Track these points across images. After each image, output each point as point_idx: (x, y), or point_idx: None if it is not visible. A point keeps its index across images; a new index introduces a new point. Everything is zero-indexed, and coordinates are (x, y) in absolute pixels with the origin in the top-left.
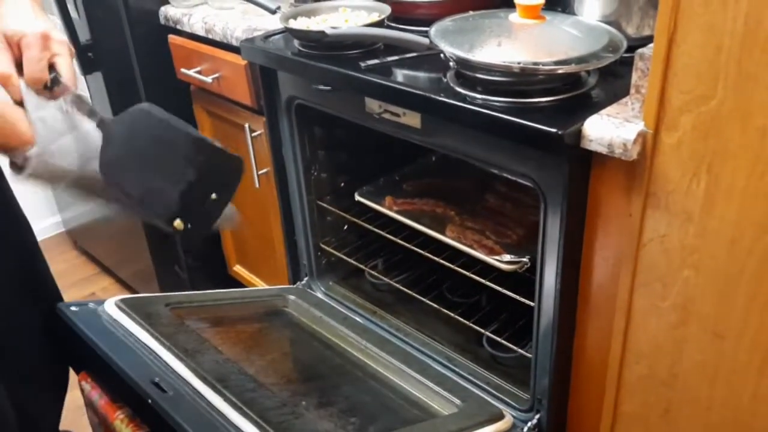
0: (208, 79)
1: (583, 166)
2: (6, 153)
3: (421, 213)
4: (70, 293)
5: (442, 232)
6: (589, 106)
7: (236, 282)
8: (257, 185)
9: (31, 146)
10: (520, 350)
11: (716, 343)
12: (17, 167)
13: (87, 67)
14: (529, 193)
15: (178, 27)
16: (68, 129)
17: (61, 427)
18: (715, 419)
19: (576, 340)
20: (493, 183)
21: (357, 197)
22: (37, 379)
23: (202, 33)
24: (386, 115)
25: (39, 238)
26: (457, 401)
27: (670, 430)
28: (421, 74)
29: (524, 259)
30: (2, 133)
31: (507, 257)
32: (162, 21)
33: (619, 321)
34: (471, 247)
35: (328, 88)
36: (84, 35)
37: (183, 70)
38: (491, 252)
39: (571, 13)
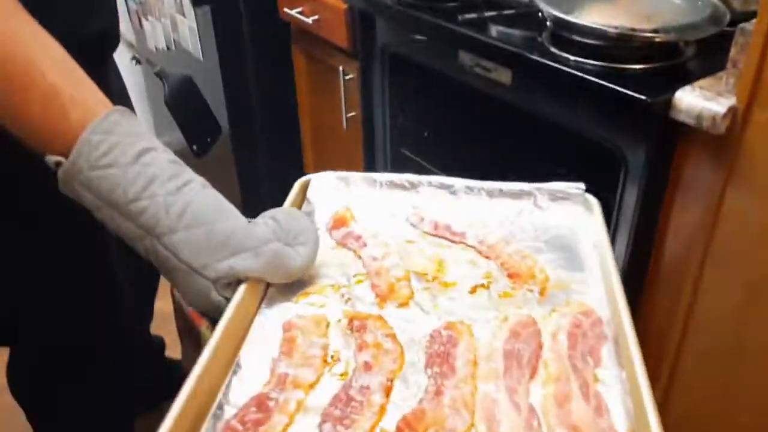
0: (309, 20)
1: (669, 136)
2: None
3: None
4: None
5: None
6: (683, 76)
7: None
8: (345, 127)
9: None
10: None
11: None
12: None
13: (197, 0)
14: None
15: None
16: None
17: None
18: (765, 401)
19: (642, 308)
20: None
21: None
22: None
23: None
24: (477, 70)
25: None
26: None
27: (728, 403)
28: (516, 31)
29: None
30: None
31: None
32: None
33: (686, 295)
34: None
35: (424, 38)
36: None
37: (286, 9)
38: None
39: None
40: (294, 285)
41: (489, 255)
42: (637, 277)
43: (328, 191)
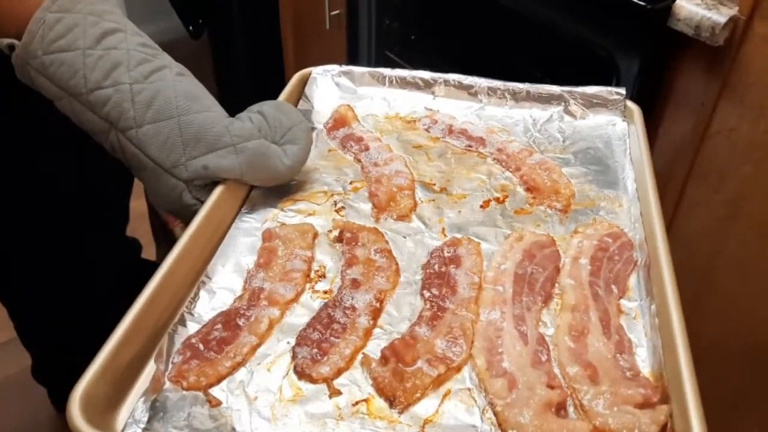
0: None
1: (665, 46)
2: None
3: None
4: None
5: None
6: None
7: None
8: (327, 26)
9: None
10: None
11: (760, 242)
12: None
13: None
14: None
15: None
16: None
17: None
18: (738, 312)
19: None
20: None
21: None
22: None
23: None
24: None
25: None
26: None
27: (698, 318)
28: None
29: None
30: None
31: None
32: None
33: (666, 208)
34: None
35: None
36: None
37: None
38: None
39: None
40: (280, 189)
41: (508, 165)
42: None
43: (330, 88)
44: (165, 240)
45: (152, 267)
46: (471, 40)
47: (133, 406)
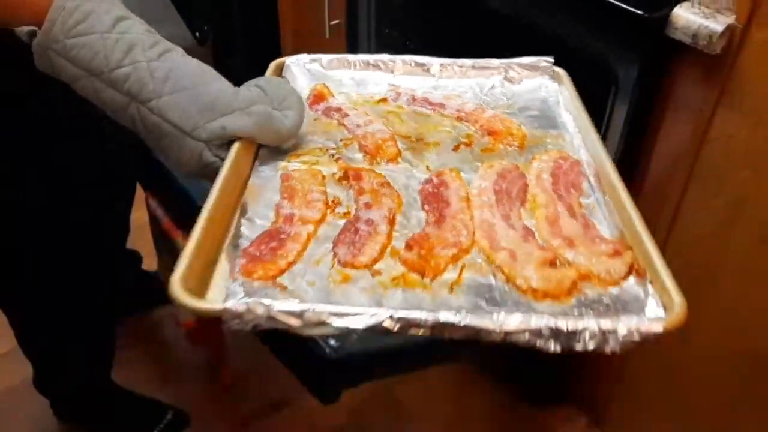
0: None
1: (663, 54)
2: None
3: None
4: None
5: None
6: None
7: None
8: (327, 35)
9: None
10: None
11: (761, 248)
12: None
13: None
14: None
15: None
16: None
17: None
18: (738, 317)
19: None
20: None
21: None
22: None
23: None
24: None
25: None
26: None
27: (694, 319)
28: None
29: None
30: None
31: None
32: None
33: (665, 217)
34: None
35: None
36: None
37: None
38: None
39: None
40: (283, 149)
41: (468, 120)
42: None
43: (303, 73)
44: (166, 250)
45: (152, 278)
46: (470, 49)
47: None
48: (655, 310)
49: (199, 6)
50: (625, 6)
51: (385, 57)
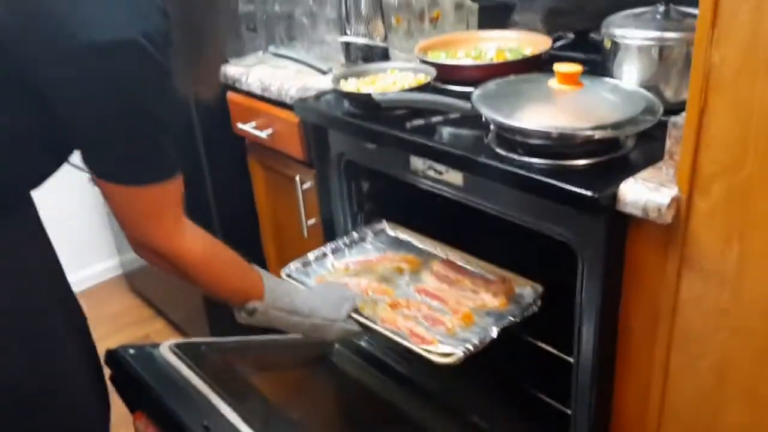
0: (263, 134)
1: (621, 227)
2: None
3: None
4: (126, 333)
5: None
6: (626, 168)
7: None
8: (305, 235)
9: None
10: (559, 405)
11: (754, 404)
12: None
13: None
14: None
15: (236, 85)
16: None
17: None
18: None
19: (615, 398)
20: None
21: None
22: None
23: (258, 91)
24: (430, 173)
25: (98, 280)
26: None
27: None
28: (464, 133)
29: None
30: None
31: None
32: (222, 79)
33: (657, 380)
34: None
35: (376, 146)
36: None
37: (239, 125)
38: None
39: (611, 77)
40: None
41: None
42: (607, 371)
43: None
44: None
45: None
46: (442, 235)
47: None
48: None
49: None
50: (575, 189)
51: None
